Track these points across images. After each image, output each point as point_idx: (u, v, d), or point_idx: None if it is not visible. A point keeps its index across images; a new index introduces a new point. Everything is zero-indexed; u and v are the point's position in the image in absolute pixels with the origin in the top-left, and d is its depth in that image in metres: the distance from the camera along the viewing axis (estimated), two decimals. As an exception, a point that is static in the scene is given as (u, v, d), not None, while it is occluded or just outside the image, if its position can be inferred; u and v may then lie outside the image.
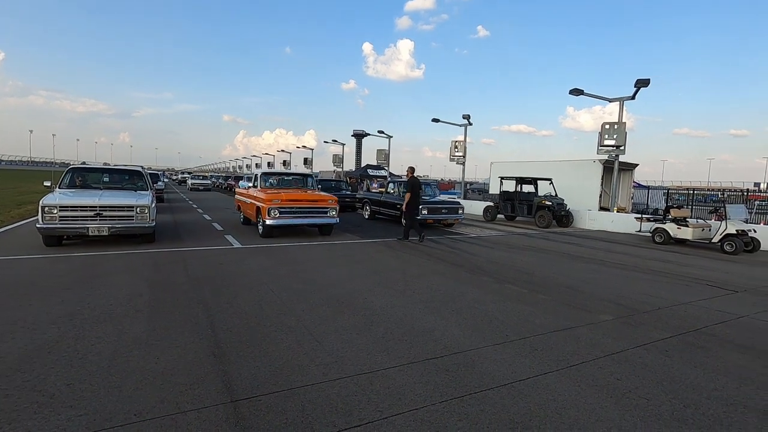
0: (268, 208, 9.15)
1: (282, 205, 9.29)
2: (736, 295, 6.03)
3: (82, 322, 3.90)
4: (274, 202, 9.20)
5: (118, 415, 2.45)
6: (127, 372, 2.97)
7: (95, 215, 7.35)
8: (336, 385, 2.91)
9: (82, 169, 9.47)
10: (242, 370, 3.06)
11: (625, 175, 19.53)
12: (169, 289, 5.18)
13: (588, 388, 3.00)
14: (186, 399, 2.65)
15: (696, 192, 19.45)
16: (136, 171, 9.66)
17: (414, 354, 3.47)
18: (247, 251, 7.99)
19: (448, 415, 2.59)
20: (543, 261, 8.25)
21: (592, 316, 4.72)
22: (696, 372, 3.37)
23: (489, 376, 3.12)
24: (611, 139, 15.16)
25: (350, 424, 2.45)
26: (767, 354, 3.83)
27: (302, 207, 9.62)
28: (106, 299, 4.62)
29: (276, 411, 2.56)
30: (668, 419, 2.65)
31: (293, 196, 9.70)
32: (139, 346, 3.41)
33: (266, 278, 5.88)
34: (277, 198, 9.29)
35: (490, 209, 16.92)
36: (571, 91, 16.02)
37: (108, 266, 6.25)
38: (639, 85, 14.55)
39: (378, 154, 34.29)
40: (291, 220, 9.47)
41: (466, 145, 23.99)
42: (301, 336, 3.76)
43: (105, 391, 2.71)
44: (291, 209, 9.43)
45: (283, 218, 9.30)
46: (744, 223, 10.77)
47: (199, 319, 4.12)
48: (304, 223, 9.80)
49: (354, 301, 4.90)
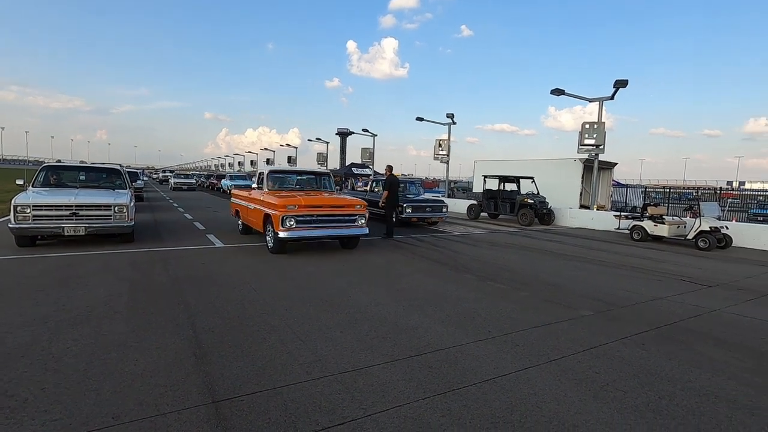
0: (281, 216, 7.14)
1: (300, 213, 7.29)
2: (709, 290, 6.23)
3: (57, 324, 3.79)
4: (290, 209, 7.22)
5: (94, 418, 2.40)
6: (105, 374, 2.90)
7: (71, 215, 7.15)
8: (319, 383, 2.90)
9: (57, 167, 9.20)
10: (224, 371, 3.03)
11: (604, 173, 19.96)
12: (148, 289, 5.08)
13: (567, 382, 3.07)
14: (166, 401, 2.60)
15: (672, 190, 20.01)
16: (113, 169, 9.43)
17: (398, 351, 3.49)
18: (229, 250, 7.88)
19: (431, 411, 2.62)
20: (525, 258, 8.38)
21: (572, 311, 4.82)
22: (671, 364, 3.47)
23: (471, 372, 3.16)
24: (591, 139, 15.46)
25: (333, 422, 2.45)
26: (737, 346, 3.97)
27: (325, 214, 7.60)
28: (83, 300, 4.50)
29: (258, 411, 2.54)
30: (644, 410, 2.73)
31: (313, 200, 7.71)
32: (117, 348, 3.34)
33: (249, 277, 5.81)
34: (293, 203, 7.30)
35: (474, 207, 17.09)
36: (552, 91, 16.27)
37: (85, 267, 6.09)
38: (617, 86, 14.88)
39: (362, 153, 34.20)
40: (311, 232, 7.42)
41: (450, 144, 24.15)
42: (285, 335, 3.74)
43: (81, 394, 2.64)
44: (311, 217, 7.42)
45: (300, 229, 7.29)
46: (717, 220, 11.13)
47: (180, 319, 4.05)
48: (326, 235, 7.70)
49: (338, 300, 4.89)
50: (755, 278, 7.30)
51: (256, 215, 8.35)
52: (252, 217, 8.74)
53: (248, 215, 9.09)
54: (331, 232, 7.73)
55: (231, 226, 11.53)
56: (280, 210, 7.25)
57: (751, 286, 6.59)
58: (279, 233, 7.21)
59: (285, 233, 7.20)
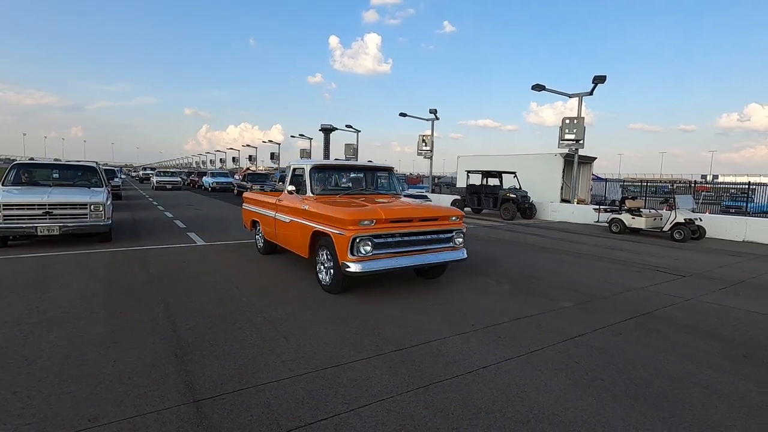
0: (352, 237, 4.51)
1: (379, 230, 4.67)
2: (684, 280, 6.43)
3: (30, 326, 3.68)
4: (364, 225, 4.60)
5: (70, 421, 2.34)
6: (81, 376, 2.83)
7: (44, 214, 6.94)
8: (302, 379, 2.89)
9: (29, 164, 8.91)
10: (205, 369, 2.98)
11: (584, 168, 20.33)
12: (127, 289, 4.97)
13: (548, 372, 3.12)
14: (145, 401, 2.56)
15: (649, 184, 20.55)
16: (89, 167, 9.17)
17: (381, 346, 3.50)
18: (211, 248, 7.76)
19: (413, 404, 2.63)
20: (508, 252, 8.49)
21: (553, 303, 4.91)
22: (647, 352, 3.57)
23: (454, 365, 3.19)
24: (571, 134, 15.73)
25: (316, 418, 2.44)
26: (710, 334, 4.11)
27: (413, 232, 4.96)
28: (58, 302, 4.38)
29: (240, 408, 2.52)
30: (621, 397, 2.80)
31: (398, 210, 5.02)
32: (94, 349, 3.26)
33: (231, 275, 5.74)
34: (369, 215, 4.67)
35: (457, 202, 17.22)
36: (533, 87, 16.48)
37: (60, 267, 5.92)
38: (596, 82, 15.15)
39: (346, 149, 34.08)
40: (393, 261, 4.79)
41: (433, 140, 24.25)
42: (267, 333, 3.71)
43: (56, 397, 2.57)
44: (393, 238, 4.80)
45: (379, 257, 4.70)
46: (691, 213, 11.47)
47: (160, 319, 3.98)
48: (414, 264, 5.02)
49: (321, 297, 4.87)
50: (726, 268, 7.55)
51: (297, 232, 5.63)
52: (286, 233, 6.02)
53: (280, 231, 6.28)
54: (421, 259, 4.99)
55: (213, 224, 11.36)
56: (349, 227, 4.52)
57: (723, 276, 6.82)
58: (348, 265, 4.49)
59: (357, 265, 4.47)
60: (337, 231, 4.67)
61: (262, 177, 24.98)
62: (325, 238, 5.00)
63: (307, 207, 5.37)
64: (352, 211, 4.75)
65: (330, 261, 4.94)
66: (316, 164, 6.11)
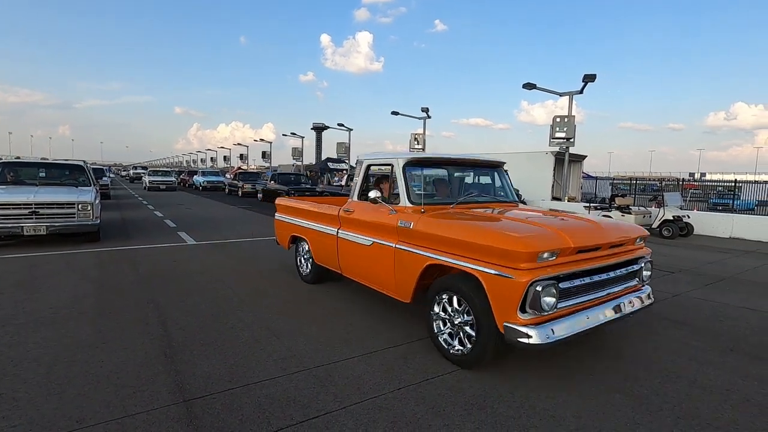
0: (530, 282, 2.65)
1: (565, 267, 2.90)
2: (673, 276, 6.51)
3: (17, 327, 3.62)
4: (545, 259, 2.80)
5: (57, 422, 2.30)
6: (69, 378, 2.79)
7: (30, 213, 6.82)
8: (294, 378, 2.88)
9: (15, 163, 8.78)
10: (196, 369, 2.96)
11: (575, 166, 20.49)
12: (116, 289, 4.91)
13: (540, 368, 3.15)
14: (134, 401, 2.53)
15: (638, 182, 20.78)
16: (77, 165, 9.04)
17: (375, 344, 3.50)
18: (202, 248, 7.70)
19: (405, 401, 2.64)
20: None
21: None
22: (636, 347, 3.61)
23: (447, 363, 3.19)
24: (562, 132, 15.84)
25: (308, 416, 2.43)
26: (697, 328, 4.17)
27: (605, 266, 3.23)
28: (46, 302, 4.31)
29: (231, 408, 2.50)
30: (611, 392, 2.83)
31: (583, 233, 3.16)
32: (82, 350, 3.21)
33: (222, 275, 5.70)
34: (552, 244, 2.87)
35: (450, 201, 17.25)
36: (524, 85, 16.55)
37: (48, 267, 5.83)
38: (586, 80, 15.26)
39: (338, 147, 33.99)
40: (586, 318, 2.98)
41: (425, 138, 24.28)
42: (259, 332, 3.69)
43: (43, 398, 2.54)
44: (585, 278, 3.05)
45: (564, 311, 2.90)
46: (679, 210, 11.63)
47: (150, 318, 3.93)
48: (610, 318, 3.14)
49: (314, 296, 4.85)
50: (714, 264, 7.67)
51: (386, 262, 3.80)
52: (363, 262, 4.18)
53: (348, 256, 4.40)
54: (614, 309, 3.20)
55: (204, 223, 11.26)
56: (522, 264, 2.75)
57: (710, 272, 6.92)
58: (522, 331, 2.70)
59: (539, 331, 2.70)
60: (494, 270, 2.79)
61: (254, 176, 24.83)
62: (455, 279, 3.16)
63: (412, 225, 3.51)
64: (523, 236, 2.87)
65: (465, 316, 3.07)
66: (413, 158, 4.03)
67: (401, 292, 3.69)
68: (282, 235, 5.89)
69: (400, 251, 3.62)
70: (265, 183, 20.26)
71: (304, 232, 5.25)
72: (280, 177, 19.46)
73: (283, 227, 5.83)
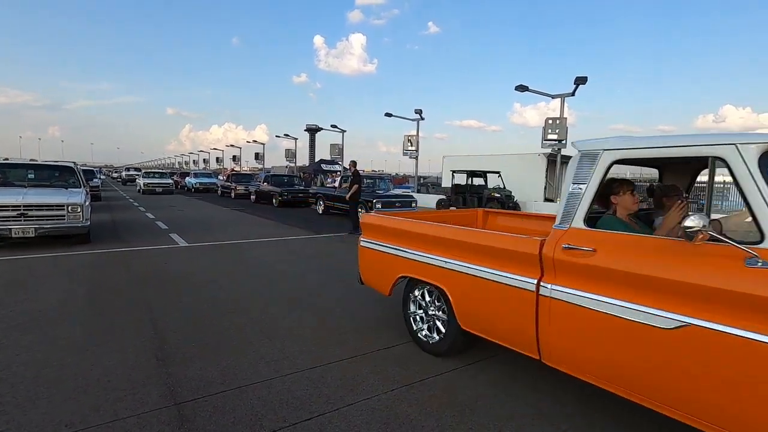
0: None
1: None
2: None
3: (5, 330, 3.56)
4: None
5: (45, 428, 2.27)
6: (57, 381, 2.75)
7: (19, 215, 6.73)
8: (287, 380, 2.86)
9: (3, 165, 8.65)
10: (188, 372, 2.93)
11: (567, 167, 20.66)
12: (108, 291, 4.85)
13: (531, 370, 3.16)
14: (125, 405, 2.50)
15: (629, 183, 20.95)
16: (66, 167, 8.93)
17: (368, 345, 3.49)
18: (194, 250, 7.64)
19: (398, 402, 2.64)
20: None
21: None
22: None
23: (439, 362, 3.20)
24: (554, 134, 15.97)
25: (301, 418, 2.42)
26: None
27: None
28: (36, 305, 4.25)
29: (223, 411, 2.48)
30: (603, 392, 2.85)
31: None
32: (72, 353, 3.17)
33: (215, 276, 5.66)
34: None
35: (443, 202, 17.33)
36: (516, 87, 16.68)
37: (37, 270, 5.75)
38: (578, 83, 15.42)
39: (332, 149, 33.91)
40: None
41: (418, 140, 24.31)
42: (252, 334, 3.67)
43: (30, 403, 2.50)
44: None
45: None
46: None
47: (141, 321, 3.89)
48: None
49: (307, 297, 4.84)
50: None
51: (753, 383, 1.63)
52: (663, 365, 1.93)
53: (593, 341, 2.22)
54: None
55: (196, 225, 11.18)
56: None
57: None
58: None
59: None
60: None
61: (247, 177, 24.70)
62: None
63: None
64: None
65: None
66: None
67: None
68: (378, 273, 3.82)
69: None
70: (258, 185, 20.18)
71: (436, 273, 3.14)
72: (273, 179, 19.38)
73: (380, 260, 3.75)
